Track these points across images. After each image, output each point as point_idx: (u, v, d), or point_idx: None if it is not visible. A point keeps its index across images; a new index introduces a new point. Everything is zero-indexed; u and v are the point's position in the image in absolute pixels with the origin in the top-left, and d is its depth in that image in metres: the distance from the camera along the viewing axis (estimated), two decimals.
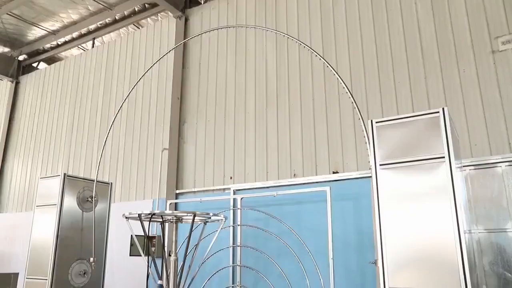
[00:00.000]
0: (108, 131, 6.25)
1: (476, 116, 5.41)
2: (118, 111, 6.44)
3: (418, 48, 6.02)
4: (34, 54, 12.28)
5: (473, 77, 5.55)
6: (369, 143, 3.80)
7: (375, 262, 3.70)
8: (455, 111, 5.49)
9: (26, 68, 12.58)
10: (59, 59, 12.00)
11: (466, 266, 3.09)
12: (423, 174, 3.45)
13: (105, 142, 5.93)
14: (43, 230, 5.75)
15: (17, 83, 12.37)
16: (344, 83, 4.55)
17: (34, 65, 12.64)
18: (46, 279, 5.40)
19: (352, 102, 4.39)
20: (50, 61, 12.31)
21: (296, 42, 5.46)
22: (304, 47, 5.04)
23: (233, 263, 6.59)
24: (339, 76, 4.56)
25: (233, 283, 6.50)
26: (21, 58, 12.44)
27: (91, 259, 5.39)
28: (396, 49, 6.20)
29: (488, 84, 5.43)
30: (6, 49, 12.07)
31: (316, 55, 4.79)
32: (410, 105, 5.88)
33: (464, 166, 5.09)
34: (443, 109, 3.52)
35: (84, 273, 5.74)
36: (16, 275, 7.19)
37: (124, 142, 8.92)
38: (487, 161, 5.08)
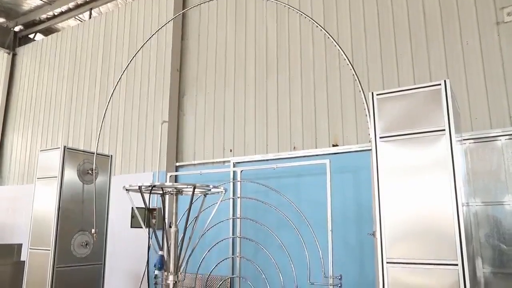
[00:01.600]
0: (107, 103, 6.19)
1: (478, 89, 5.35)
2: (117, 83, 6.38)
3: (421, 17, 5.90)
4: (30, 25, 12.06)
5: (476, 49, 5.45)
6: (369, 115, 3.78)
7: (373, 234, 3.75)
8: (457, 83, 5.42)
9: (22, 40, 12.40)
10: (56, 30, 11.79)
11: (463, 238, 3.12)
12: (423, 147, 3.44)
13: (104, 114, 5.90)
14: (44, 202, 5.80)
15: (14, 55, 12.21)
16: (345, 55, 4.48)
17: (31, 36, 12.44)
18: (49, 250, 5.49)
19: (353, 74, 4.33)
20: (47, 32, 12.11)
21: (297, 12, 5.35)
22: (305, 17, 4.94)
23: (233, 234, 6.68)
24: (340, 47, 4.48)
25: (233, 254, 6.61)
26: (17, 29, 12.23)
27: (93, 230, 5.47)
28: (399, 19, 6.07)
29: (491, 56, 5.34)
30: (2, 20, 11.85)
31: (317, 26, 4.70)
32: (411, 75, 5.81)
33: (464, 139, 5.08)
34: (444, 81, 3.48)
35: (86, 244, 5.83)
36: (19, 245, 7.29)
37: (124, 113, 8.87)
38: (487, 135, 5.07)
